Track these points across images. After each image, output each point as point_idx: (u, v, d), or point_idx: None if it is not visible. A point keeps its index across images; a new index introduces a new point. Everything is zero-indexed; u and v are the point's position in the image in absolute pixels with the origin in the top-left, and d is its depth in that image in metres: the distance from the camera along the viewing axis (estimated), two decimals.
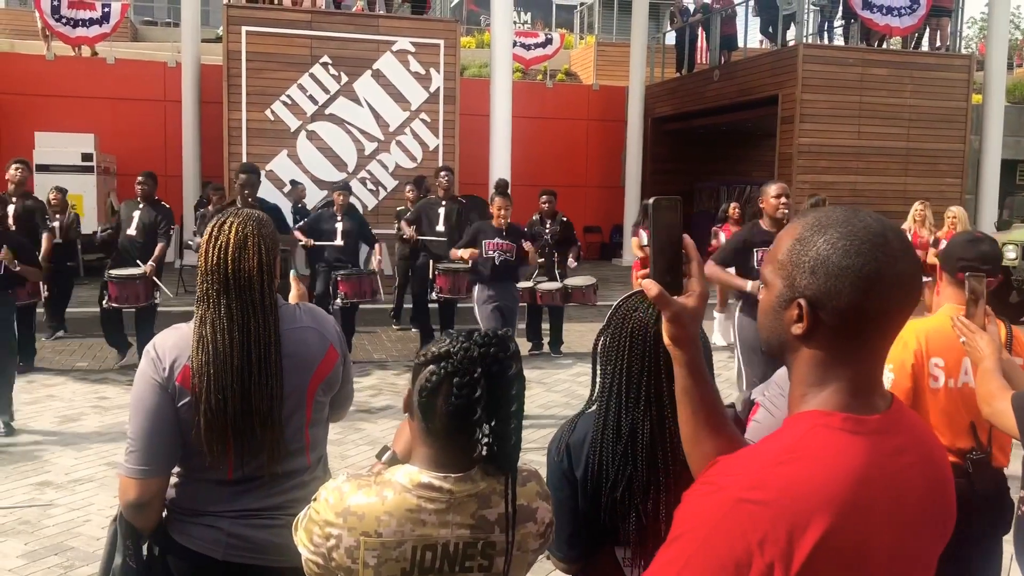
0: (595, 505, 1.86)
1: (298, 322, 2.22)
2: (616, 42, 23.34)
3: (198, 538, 2.15)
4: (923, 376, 2.88)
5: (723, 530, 1.10)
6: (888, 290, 1.16)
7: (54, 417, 6.92)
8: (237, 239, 2.11)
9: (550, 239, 9.64)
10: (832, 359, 1.20)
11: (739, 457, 1.19)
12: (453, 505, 1.59)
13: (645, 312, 1.85)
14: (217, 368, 2.06)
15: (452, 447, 1.61)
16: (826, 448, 1.14)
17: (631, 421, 1.84)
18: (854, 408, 1.18)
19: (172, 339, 2.14)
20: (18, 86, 16.96)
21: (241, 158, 13.01)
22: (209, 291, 2.11)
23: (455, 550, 1.60)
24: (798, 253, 1.20)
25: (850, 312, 1.16)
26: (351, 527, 1.55)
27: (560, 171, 18.96)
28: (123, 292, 8.18)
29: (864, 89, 15.28)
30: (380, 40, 13.51)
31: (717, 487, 1.15)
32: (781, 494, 1.10)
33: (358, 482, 1.60)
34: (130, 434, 2.11)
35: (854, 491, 1.11)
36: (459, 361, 1.57)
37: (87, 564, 4.29)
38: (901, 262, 1.16)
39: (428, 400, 1.58)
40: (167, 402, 2.08)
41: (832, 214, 1.21)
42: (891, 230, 1.19)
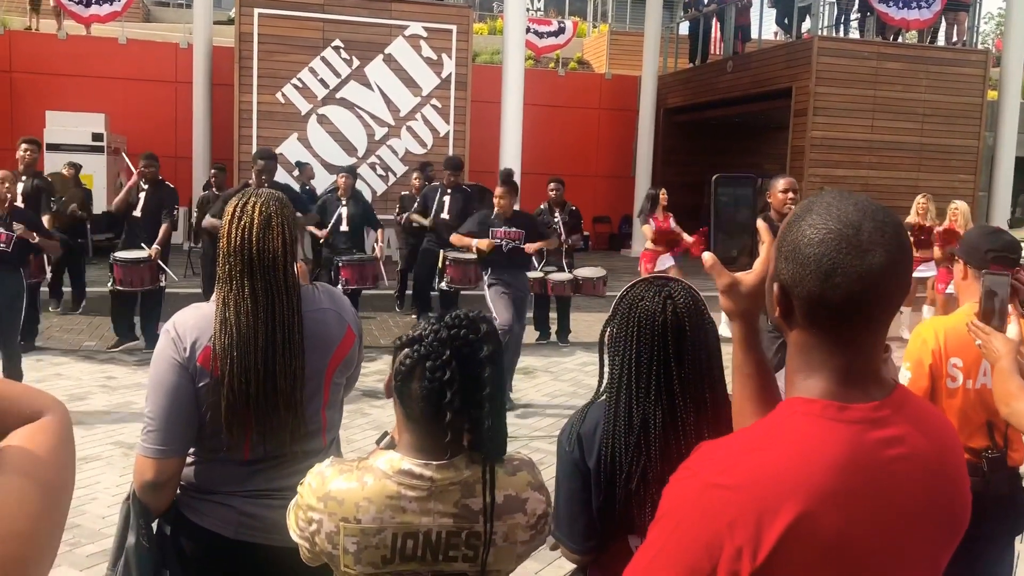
0: (609, 496, 1.84)
1: (318, 304, 2.21)
2: (629, 31, 23.23)
3: (210, 516, 2.15)
4: (941, 376, 2.85)
5: (695, 514, 1.12)
6: (849, 283, 1.13)
7: (61, 396, 6.89)
8: (261, 219, 2.09)
9: (559, 228, 9.61)
10: (817, 345, 1.19)
11: (717, 443, 1.20)
12: (435, 493, 1.57)
13: (651, 301, 1.83)
14: (241, 351, 2.05)
15: (430, 433, 1.58)
16: (801, 435, 1.14)
17: (643, 412, 1.82)
18: (840, 396, 1.17)
19: (193, 319, 2.12)
20: (30, 65, 16.97)
21: (251, 141, 13.00)
22: (232, 272, 2.09)
23: (438, 539, 1.58)
24: (782, 236, 1.22)
25: (813, 301, 1.16)
26: (331, 512, 1.54)
27: (570, 160, 18.90)
28: (128, 275, 8.17)
29: (878, 83, 15.18)
30: (392, 24, 13.46)
31: (692, 472, 1.16)
32: (751, 480, 1.10)
33: (340, 467, 1.60)
34: (149, 413, 2.09)
35: (830, 478, 1.10)
36: (429, 344, 1.56)
37: (93, 542, 4.29)
38: (871, 255, 1.13)
39: (403, 384, 1.58)
40: (187, 382, 2.07)
41: (822, 199, 1.21)
42: (872, 220, 1.16)
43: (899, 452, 1.16)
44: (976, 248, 2.97)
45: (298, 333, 2.12)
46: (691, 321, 1.82)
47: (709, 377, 1.83)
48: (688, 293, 1.86)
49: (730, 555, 1.08)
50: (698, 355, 1.81)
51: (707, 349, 1.83)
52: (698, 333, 1.82)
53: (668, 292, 1.85)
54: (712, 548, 1.09)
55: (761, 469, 1.12)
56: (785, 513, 1.08)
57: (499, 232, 7.49)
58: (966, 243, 3.08)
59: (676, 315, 1.81)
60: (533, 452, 5.91)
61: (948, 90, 15.52)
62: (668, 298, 1.83)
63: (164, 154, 15.98)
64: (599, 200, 19.59)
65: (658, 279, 1.91)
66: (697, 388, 1.81)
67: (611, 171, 20.21)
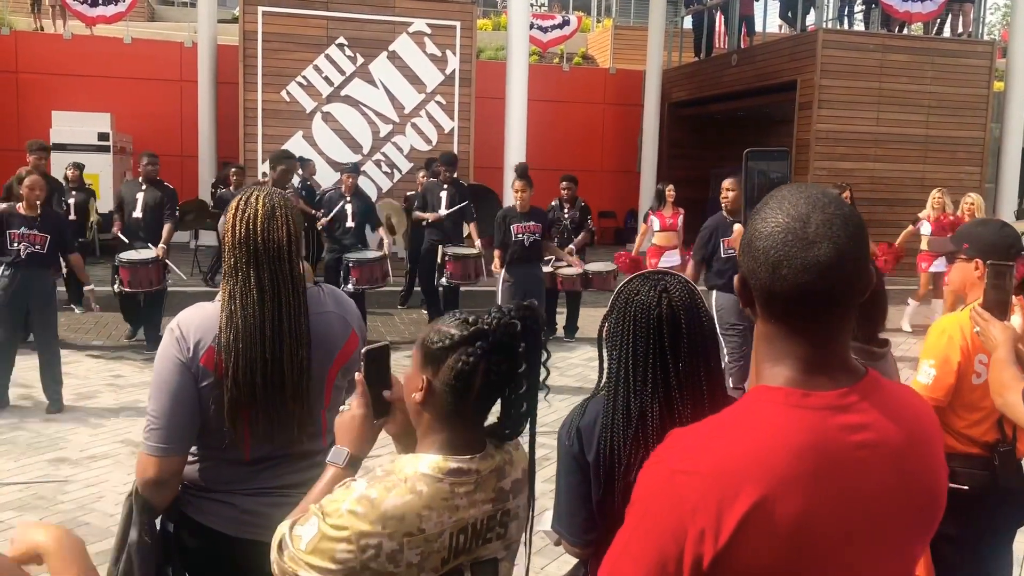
0: (608, 489, 1.85)
1: (323, 306, 2.21)
2: (633, 25, 23.18)
3: (212, 514, 2.16)
4: (968, 374, 2.83)
5: (660, 501, 1.16)
6: (795, 275, 1.15)
7: (70, 394, 6.96)
8: (265, 210, 2.10)
9: (570, 225, 9.63)
10: (778, 335, 1.21)
11: (685, 431, 1.23)
12: (480, 484, 1.59)
13: (647, 295, 1.85)
14: (246, 343, 2.05)
15: (474, 426, 1.62)
16: (762, 422, 1.16)
17: (640, 404, 1.83)
18: (803, 384, 1.18)
19: (197, 319, 2.12)
20: (36, 65, 17.00)
21: (257, 139, 13.02)
22: (238, 264, 2.09)
23: (481, 526, 1.60)
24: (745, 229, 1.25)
25: (765, 293, 1.19)
26: (391, 532, 1.49)
27: (576, 155, 18.87)
28: (135, 276, 8.16)
29: (884, 75, 15.12)
30: (396, 21, 13.44)
31: (659, 459, 1.20)
32: (713, 466, 1.13)
33: (382, 484, 1.54)
34: (152, 412, 2.10)
35: (790, 463, 1.12)
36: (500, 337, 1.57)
37: (102, 540, 4.32)
38: (816, 248, 1.15)
39: (467, 382, 1.56)
40: (190, 382, 2.07)
41: (777, 193, 1.23)
42: (822, 213, 1.17)
43: (864, 438, 1.17)
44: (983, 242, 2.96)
45: (305, 324, 2.11)
46: (687, 314, 1.83)
47: (706, 369, 1.84)
48: (684, 287, 1.87)
49: (694, 539, 1.11)
50: (694, 348, 1.83)
51: (703, 342, 1.85)
52: (694, 326, 1.83)
53: (664, 286, 1.86)
54: (678, 533, 1.12)
55: (723, 455, 1.14)
56: (745, 497, 1.10)
57: (519, 228, 7.59)
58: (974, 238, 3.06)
59: (671, 308, 1.83)
60: (538, 448, 5.91)
61: (954, 82, 15.44)
62: (664, 292, 1.85)
63: (170, 153, 16.11)
64: (604, 195, 19.56)
65: (655, 274, 1.93)
66: (694, 380, 1.82)
67: (616, 166, 20.17)
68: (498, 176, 13.62)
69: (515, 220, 7.69)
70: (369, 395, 1.75)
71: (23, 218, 6.52)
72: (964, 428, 2.84)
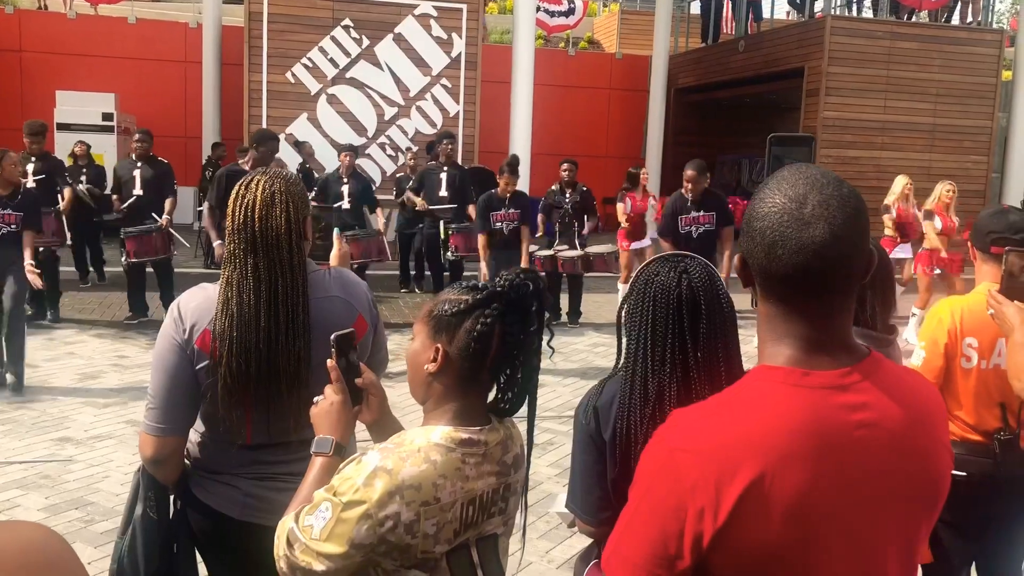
0: (624, 469, 1.85)
1: (326, 291, 2.17)
2: (640, 10, 23.05)
3: (217, 496, 2.16)
4: (956, 356, 2.82)
5: (662, 478, 1.17)
6: (790, 255, 1.16)
7: (74, 374, 6.97)
8: (264, 197, 2.07)
9: (570, 208, 9.59)
10: (778, 315, 1.22)
11: (686, 411, 1.24)
12: (487, 456, 1.60)
13: (667, 276, 1.86)
14: (240, 331, 2.03)
15: (483, 394, 1.64)
16: (761, 400, 1.17)
17: (658, 384, 1.83)
18: (803, 363, 1.19)
19: (196, 300, 2.11)
20: (40, 44, 16.96)
21: (261, 121, 12.99)
22: (236, 251, 2.07)
23: (487, 499, 1.61)
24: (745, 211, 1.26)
25: (763, 273, 1.20)
26: (409, 501, 1.48)
27: (581, 140, 18.82)
28: (141, 246, 8.27)
29: (891, 63, 15.05)
30: (402, 4, 13.39)
31: (661, 439, 1.21)
32: (712, 444, 1.14)
33: (396, 455, 1.53)
34: (150, 391, 2.11)
35: (789, 441, 1.13)
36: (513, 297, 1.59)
37: (107, 519, 4.33)
38: (812, 228, 1.15)
39: (485, 344, 1.57)
40: (186, 363, 2.07)
41: (777, 174, 1.24)
42: (819, 194, 1.17)
43: (865, 417, 1.17)
44: (979, 230, 2.95)
45: (303, 313, 2.08)
46: (706, 296, 1.83)
47: (724, 351, 1.84)
48: (704, 269, 1.88)
49: (694, 516, 1.12)
50: (713, 329, 1.83)
51: (722, 323, 1.85)
52: (713, 308, 1.83)
53: (684, 267, 1.87)
54: (678, 510, 1.13)
55: (722, 433, 1.15)
56: (743, 475, 1.11)
57: (497, 216, 7.66)
58: (974, 224, 3.05)
59: (691, 289, 1.83)
60: (543, 432, 5.93)
61: (962, 70, 15.37)
62: (684, 273, 1.85)
63: (174, 134, 16.10)
64: (609, 181, 19.46)
65: (675, 256, 1.93)
66: (712, 362, 1.82)
67: (621, 151, 20.10)
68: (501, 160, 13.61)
69: (494, 207, 7.80)
70: (344, 381, 1.75)
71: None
72: (961, 413, 2.84)
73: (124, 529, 2.22)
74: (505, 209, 7.78)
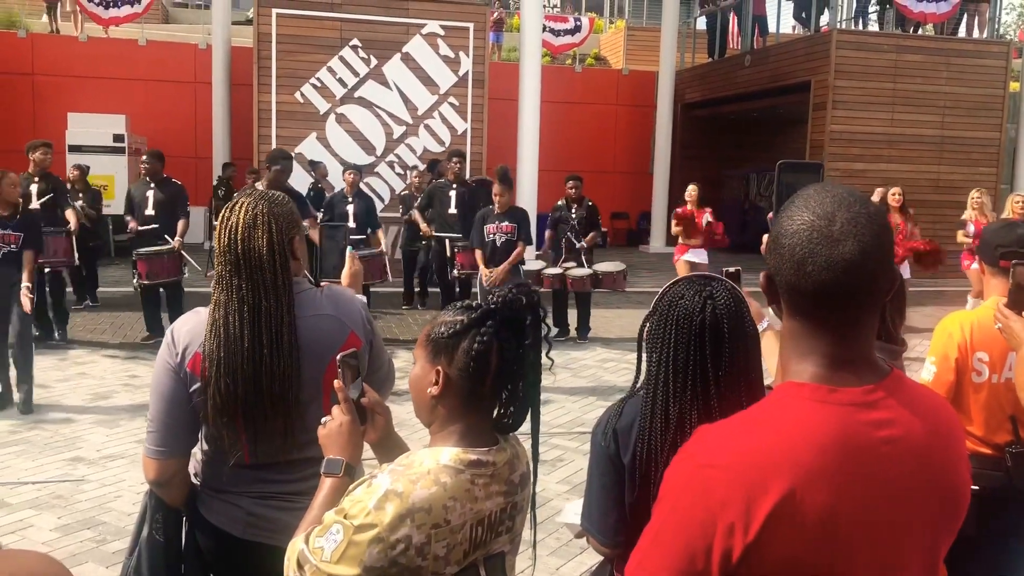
0: (643, 493, 1.83)
1: (317, 309, 2.18)
2: (646, 26, 23.14)
3: (220, 514, 2.18)
4: (966, 370, 2.82)
5: (689, 494, 1.17)
6: (819, 272, 1.18)
7: (86, 394, 7.01)
8: (246, 219, 2.09)
9: (577, 225, 9.62)
10: (803, 332, 1.23)
11: (711, 427, 1.24)
12: (495, 477, 1.60)
13: (691, 300, 1.82)
14: (227, 352, 2.05)
15: (489, 413, 1.64)
16: (789, 416, 1.18)
17: (679, 411, 1.81)
18: (829, 380, 1.20)
19: (189, 324, 2.14)
20: (52, 67, 17.13)
21: (271, 141, 13.06)
22: (223, 273, 2.10)
23: (494, 519, 1.61)
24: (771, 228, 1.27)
25: (791, 290, 1.22)
26: (420, 524, 1.49)
27: (588, 156, 18.87)
28: (152, 267, 8.32)
29: (898, 76, 15.07)
30: (410, 23, 13.47)
31: (687, 455, 1.22)
32: (738, 460, 1.15)
33: (407, 477, 1.53)
34: (149, 415, 2.15)
35: (818, 457, 1.14)
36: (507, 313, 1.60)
37: (119, 539, 4.35)
38: (841, 245, 1.17)
39: (483, 363, 1.58)
40: (180, 386, 2.10)
41: (803, 192, 1.26)
42: (847, 211, 1.19)
43: (890, 434, 1.19)
44: (987, 244, 2.96)
45: (288, 333, 2.09)
46: (730, 322, 1.80)
47: (746, 378, 1.81)
48: (729, 294, 1.84)
49: (723, 532, 1.12)
50: (736, 356, 1.80)
51: (746, 351, 1.82)
52: (737, 334, 1.80)
53: (709, 292, 1.83)
54: (706, 526, 1.14)
55: (750, 449, 1.16)
56: (773, 491, 1.12)
57: (491, 228, 7.69)
58: (981, 238, 3.06)
59: (715, 316, 1.80)
60: (552, 449, 5.92)
61: (969, 82, 15.37)
62: (708, 299, 1.82)
63: (184, 154, 16.22)
64: (617, 196, 19.56)
65: (700, 277, 1.90)
66: (734, 389, 1.79)
67: (629, 167, 20.15)
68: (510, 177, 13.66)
69: (489, 220, 7.83)
70: (351, 402, 1.76)
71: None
72: (972, 428, 2.83)
73: (132, 550, 2.26)
74: (497, 222, 7.81)
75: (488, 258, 7.82)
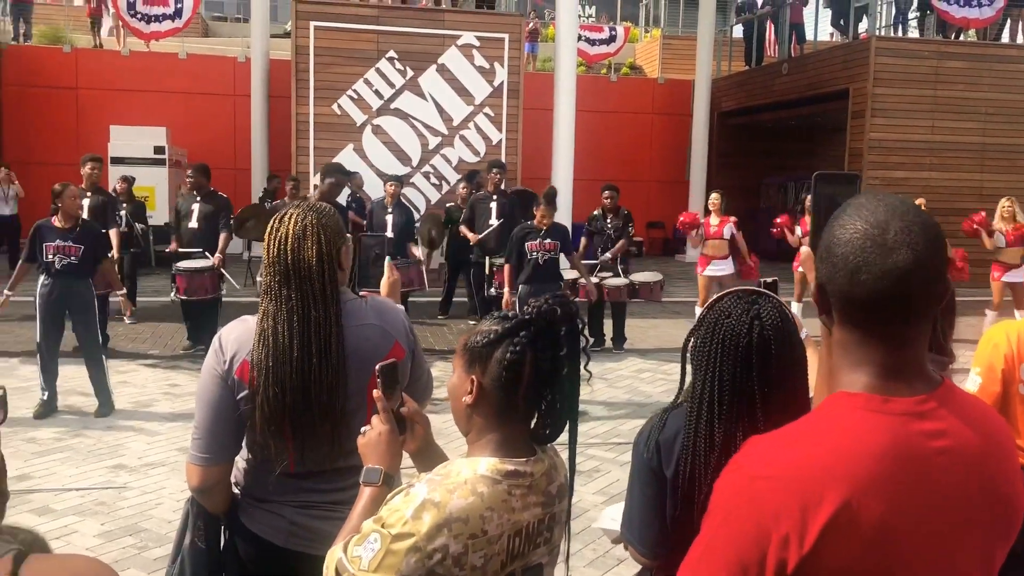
0: (686, 509, 1.81)
1: (362, 319, 2.20)
2: (682, 35, 23.10)
3: (261, 523, 2.19)
4: (1013, 381, 2.77)
5: (740, 506, 1.16)
6: (874, 280, 1.17)
7: (127, 403, 7.11)
8: (296, 230, 2.12)
9: (613, 234, 9.60)
10: (855, 342, 1.22)
11: (763, 438, 1.23)
12: (532, 487, 1.59)
13: (738, 319, 1.79)
14: (276, 361, 2.07)
15: (524, 427, 1.63)
16: (842, 427, 1.17)
17: (724, 430, 1.78)
18: (882, 389, 1.19)
19: (236, 332, 2.16)
20: (95, 81, 17.49)
21: (308, 152, 13.22)
22: (271, 283, 2.13)
23: (532, 530, 1.60)
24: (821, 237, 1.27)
25: (843, 299, 1.21)
26: (457, 534, 1.49)
27: (624, 165, 18.84)
28: (191, 284, 8.38)
29: (939, 83, 14.87)
30: (445, 35, 13.57)
31: (738, 467, 1.21)
32: (792, 471, 1.14)
33: (444, 487, 1.53)
34: (195, 422, 2.16)
35: (871, 468, 1.13)
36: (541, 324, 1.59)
37: (160, 546, 4.40)
38: (896, 254, 1.17)
39: (516, 373, 1.57)
40: (227, 394, 2.11)
41: (855, 201, 1.25)
42: (901, 220, 1.18)
43: (944, 444, 1.17)
44: None
45: (336, 342, 2.11)
46: (778, 342, 1.77)
47: (793, 398, 1.78)
48: (777, 311, 1.81)
49: (778, 544, 1.11)
50: (783, 376, 1.77)
51: (793, 370, 1.79)
52: (783, 351, 1.77)
53: (756, 312, 1.80)
54: (760, 538, 1.12)
55: (804, 460, 1.15)
56: (829, 502, 1.10)
57: (533, 245, 7.64)
58: None
59: (763, 336, 1.77)
60: (588, 460, 5.90)
61: (1012, 88, 15.12)
62: (756, 318, 1.78)
63: (223, 166, 16.43)
64: (653, 205, 19.48)
65: (746, 293, 1.86)
66: (780, 410, 1.75)
67: (665, 176, 20.08)
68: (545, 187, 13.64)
69: (531, 237, 7.71)
70: (390, 411, 1.77)
71: (57, 231, 6.71)
72: (1020, 440, 2.78)
73: (174, 558, 2.28)
74: (540, 239, 7.71)
75: (531, 276, 7.69)
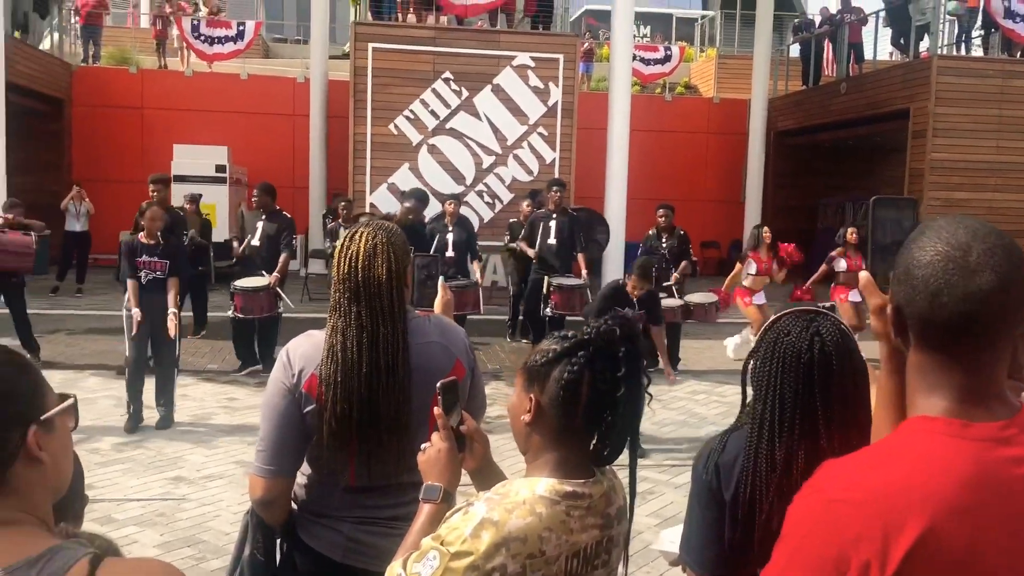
0: (746, 533, 1.78)
1: (426, 336, 2.23)
2: (738, 54, 22.94)
3: (320, 538, 2.21)
4: None
5: (818, 530, 1.13)
6: (955, 303, 1.15)
7: (187, 416, 7.25)
8: (367, 248, 2.16)
9: (667, 254, 9.55)
10: (933, 365, 1.20)
11: (840, 461, 1.21)
12: (591, 509, 1.59)
13: (798, 337, 1.76)
14: (344, 376, 2.10)
15: (584, 444, 1.62)
16: (925, 451, 1.15)
17: (786, 452, 1.75)
18: (962, 414, 1.17)
19: (304, 347, 2.19)
20: (159, 101, 17.98)
21: (365, 171, 13.40)
22: (340, 300, 2.16)
23: (590, 552, 1.60)
24: (897, 259, 1.26)
25: (923, 321, 1.19)
26: (515, 553, 1.49)
27: (679, 185, 18.73)
28: (248, 303, 8.45)
29: (1004, 102, 14.53)
30: (501, 56, 13.68)
31: (815, 489, 1.19)
32: (874, 495, 1.12)
33: (502, 506, 1.54)
34: (260, 434, 2.19)
35: (955, 494, 1.10)
36: (600, 344, 1.58)
37: (217, 557, 4.47)
38: (978, 276, 1.15)
39: (574, 392, 1.57)
40: (294, 407, 2.14)
41: (934, 223, 1.24)
42: (982, 243, 1.17)
43: None
44: None
45: (403, 359, 2.14)
46: (839, 360, 1.74)
47: (855, 417, 1.75)
48: (837, 329, 1.78)
49: (858, 569, 1.09)
50: (845, 395, 1.74)
51: (855, 386, 1.76)
52: (845, 370, 1.74)
53: (816, 329, 1.77)
54: (839, 563, 1.10)
55: (885, 484, 1.12)
56: (912, 528, 1.08)
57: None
58: None
59: (824, 353, 1.74)
60: (642, 482, 5.85)
61: None
62: (816, 335, 1.76)
63: (282, 184, 16.60)
64: (708, 225, 19.32)
65: (807, 312, 1.83)
66: (843, 428, 1.73)
67: (720, 196, 19.92)
68: (598, 207, 13.65)
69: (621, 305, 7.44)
70: (450, 429, 1.77)
71: (146, 247, 7.02)
72: None
73: (233, 570, 2.30)
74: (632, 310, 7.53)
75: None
